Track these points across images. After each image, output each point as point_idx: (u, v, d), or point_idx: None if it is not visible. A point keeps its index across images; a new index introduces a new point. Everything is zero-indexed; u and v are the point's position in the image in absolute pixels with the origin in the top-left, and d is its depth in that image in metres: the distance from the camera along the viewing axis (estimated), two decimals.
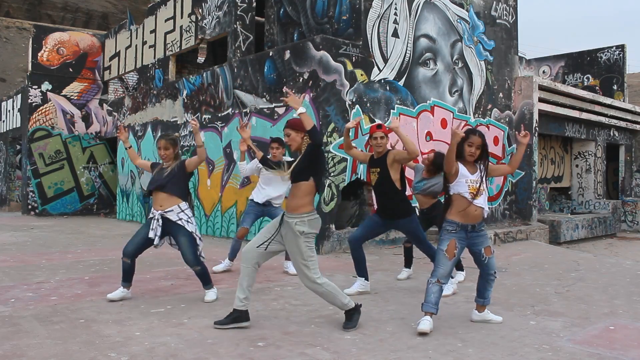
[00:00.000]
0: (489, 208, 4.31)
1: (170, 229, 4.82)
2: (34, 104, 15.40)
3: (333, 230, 8.16)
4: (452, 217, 4.16)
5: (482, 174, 4.17)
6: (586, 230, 12.72)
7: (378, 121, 7.97)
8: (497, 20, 11.53)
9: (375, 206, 5.38)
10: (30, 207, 15.20)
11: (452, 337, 3.90)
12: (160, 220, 4.78)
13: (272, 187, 6.32)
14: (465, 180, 4.13)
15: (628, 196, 16.02)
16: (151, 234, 4.76)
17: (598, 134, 14.73)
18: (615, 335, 4.03)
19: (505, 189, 11.46)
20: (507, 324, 4.27)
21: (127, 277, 4.97)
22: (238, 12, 10.60)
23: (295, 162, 4.04)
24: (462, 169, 4.16)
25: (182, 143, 11.44)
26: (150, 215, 4.87)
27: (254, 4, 10.84)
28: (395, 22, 9.27)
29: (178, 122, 11.71)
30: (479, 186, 4.13)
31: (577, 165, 14.87)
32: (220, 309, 4.65)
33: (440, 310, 4.68)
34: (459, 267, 6.03)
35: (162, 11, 13.10)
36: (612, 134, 15.32)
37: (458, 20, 10.49)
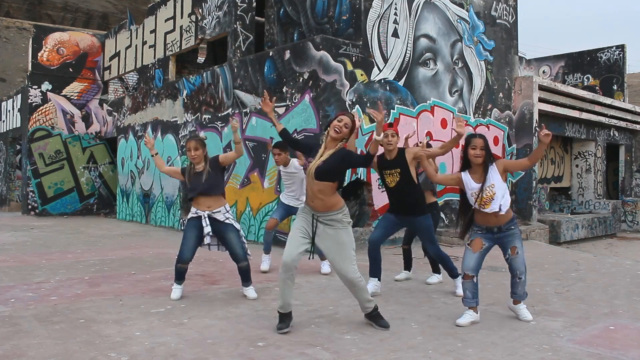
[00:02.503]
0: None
1: (218, 228, 4.89)
2: (34, 104, 15.40)
3: None
4: (476, 220, 4.27)
5: (484, 180, 4.15)
6: (586, 230, 12.72)
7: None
8: (497, 20, 11.53)
9: (390, 205, 5.34)
10: (30, 207, 15.19)
11: (452, 337, 3.90)
12: (208, 219, 4.84)
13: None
14: (470, 192, 4.20)
15: (628, 196, 16.02)
16: (207, 230, 4.83)
17: (598, 134, 14.73)
18: (615, 335, 4.03)
19: None
20: (507, 324, 4.26)
21: (182, 276, 5.05)
22: (238, 12, 10.60)
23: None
24: (466, 178, 4.21)
25: (180, 143, 11.44)
26: (193, 216, 4.92)
27: (254, 4, 10.84)
28: (395, 22, 9.27)
29: (178, 122, 11.71)
30: (482, 194, 4.13)
31: (577, 165, 14.87)
32: (220, 309, 4.66)
33: (440, 310, 4.69)
34: (435, 269, 5.96)
35: (162, 11, 13.10)
36: (612, 134, 15.32)
37: (458, 20, 10.49)
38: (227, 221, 4.89)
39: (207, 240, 4.87)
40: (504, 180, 4.23)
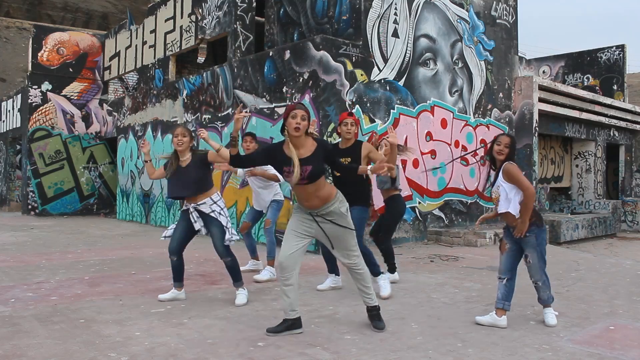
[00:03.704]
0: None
1: (204, 220, 4.83)
2: (34, 104, 15.40)
3: None
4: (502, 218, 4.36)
5: (495, 180, 4.26)
6: (586, 230, 12.71)
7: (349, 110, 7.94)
8: (497, 20, 11.53)
9: None
10: (30, 207, 15.20)
11: (452, 337, 3.90)
12: (195, 212, 4.81)
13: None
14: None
15: (628, 196, 16.02)
16: (197, 226, 4.79)
17: (598, 134, 14.73)
18: (615, 335, 4.03)
19: None
20: (507, 324, 4.26)
21: (178, 276, 4.97)
22: (238, 12, 10.60)
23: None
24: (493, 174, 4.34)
25: None
26: (184, 208, 4.87)
27: (254, 4, 10.84)
28: (395, 22, 9.27)
29: (178, 122, 11.70)
30: (493, 194, 4.30)
31: (577, 165, 14.87)
32: (220, 309, 4.66)
33: (440, 310, 4.69)
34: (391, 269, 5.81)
35: (162, 11, 13.10)
36: (612, 134, 15.32)
37: (458, 20, 10.49)
38: (211, 214, 4.77)
39: (203, 231, 4.84)
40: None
